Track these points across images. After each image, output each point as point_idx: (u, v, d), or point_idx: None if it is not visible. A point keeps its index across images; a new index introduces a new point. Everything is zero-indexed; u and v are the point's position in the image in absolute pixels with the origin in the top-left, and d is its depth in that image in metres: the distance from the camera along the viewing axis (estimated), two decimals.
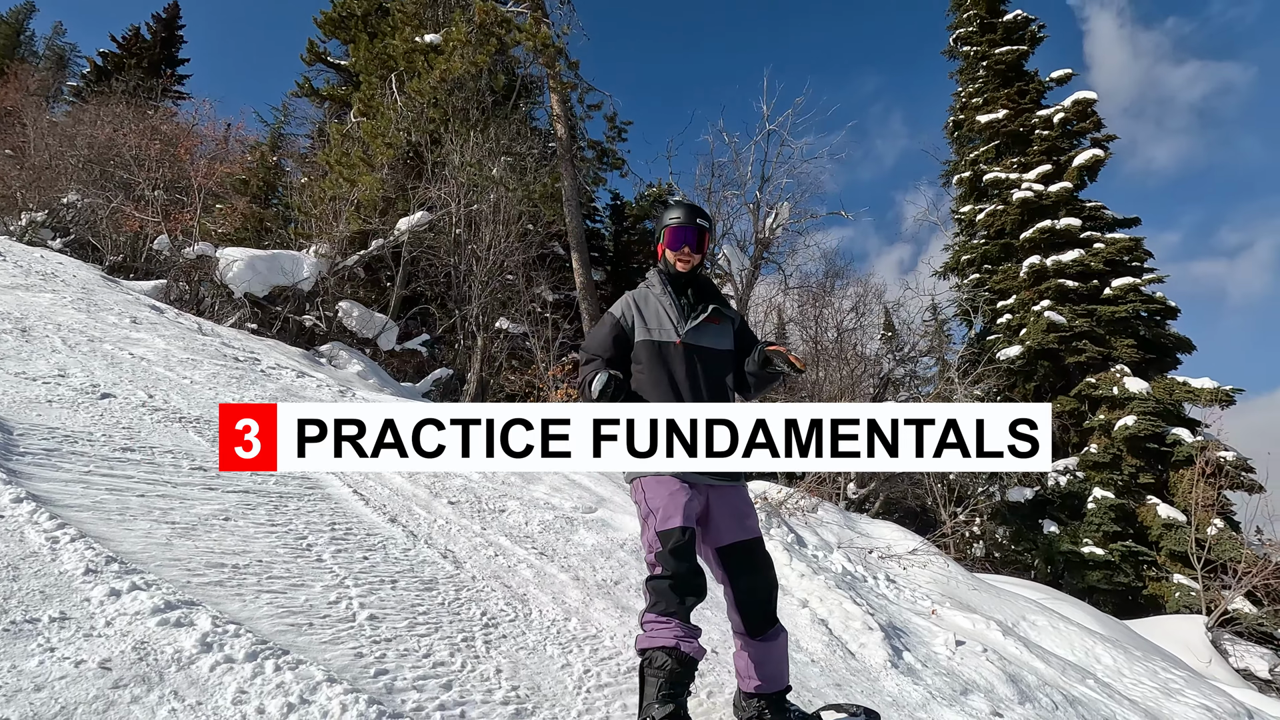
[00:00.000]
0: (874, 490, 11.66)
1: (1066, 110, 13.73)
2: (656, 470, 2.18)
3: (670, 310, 2.35)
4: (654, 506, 2.15)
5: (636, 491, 2.24)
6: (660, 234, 2.44)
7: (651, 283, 2.46)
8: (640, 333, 2.32)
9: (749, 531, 2.25)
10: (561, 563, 3.55)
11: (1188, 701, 5.01)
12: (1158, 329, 12.29)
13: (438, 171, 14.03)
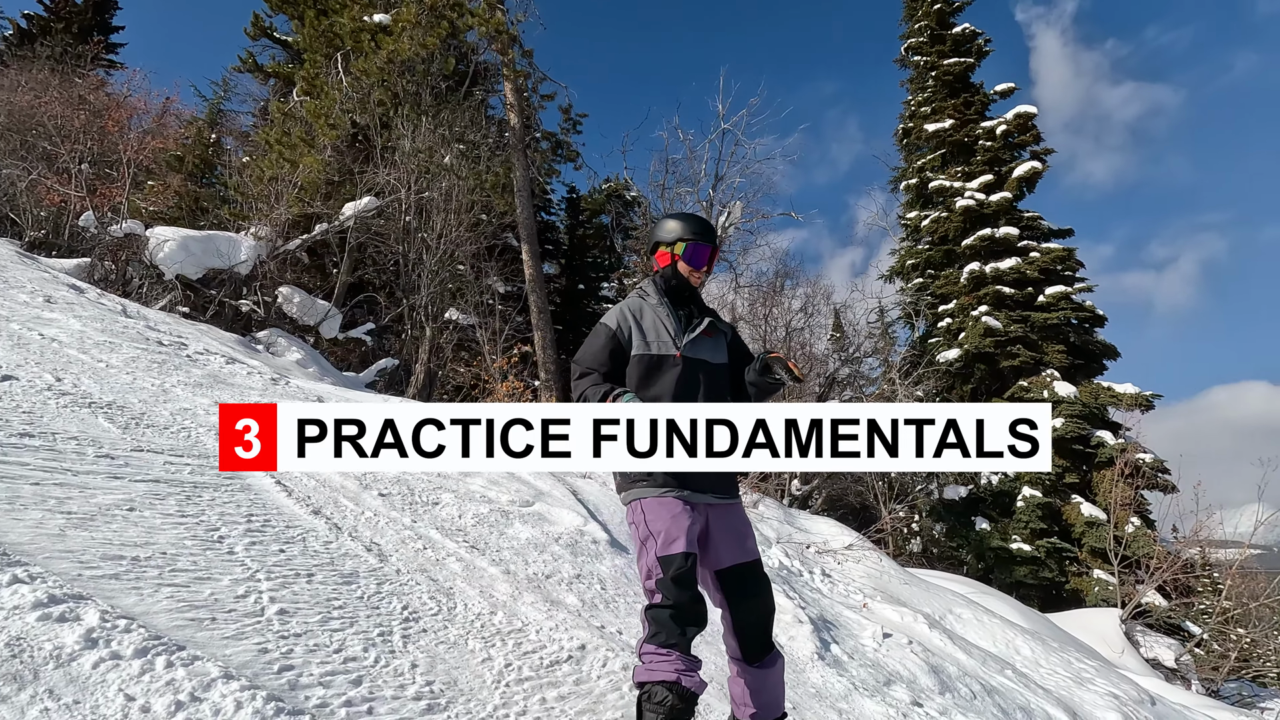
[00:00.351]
0: (817, 487, 11.90)
1: (1009, 123, 14.25)
2: (658, 491, 2.09)
3: (668, 322, 2.26)
4: (655, 530, 2.04)
5: (635, 513, 2.13)
6: (676, 245, 2.31)
7: (647, 293, 2.35)
8: (638, 345, 2.22)
9: (749, 553, 2.18)
10: (493, 556, 3.50)
11: (1097, 690, 5.27)
12: (1086, 336, 12.90)
13: (387, 156, 13.68)
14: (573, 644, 2.77)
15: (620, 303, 2.36)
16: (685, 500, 2.10)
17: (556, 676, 2.47)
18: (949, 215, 14.19)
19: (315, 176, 10.45)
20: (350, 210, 12.56)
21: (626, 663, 2.76)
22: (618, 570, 4.03)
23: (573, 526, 4.38)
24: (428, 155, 12.32)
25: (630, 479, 2.17)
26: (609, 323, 2.27)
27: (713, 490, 2.16)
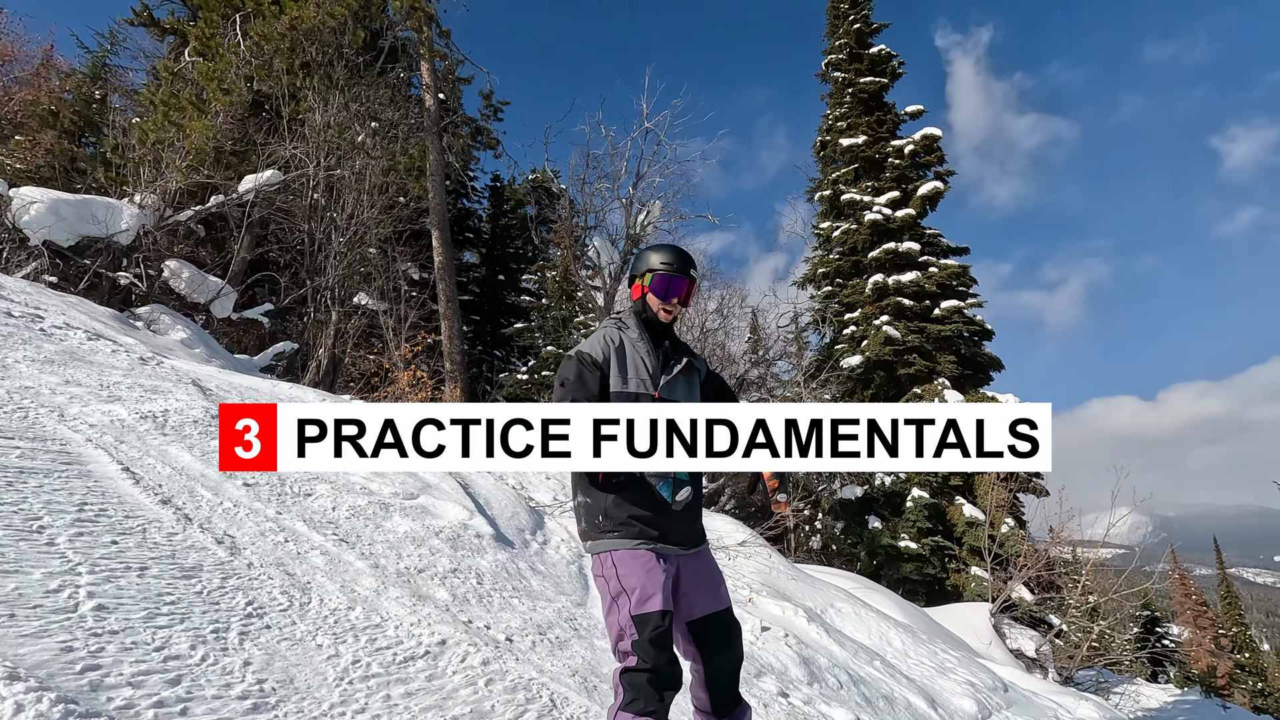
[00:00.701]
0: (722, 486, 12.18)
1: (916, 143, 15.03)
2: (631, 543, 1.97)
3: (648, 359, 2.13)
4: (629, 585, 1.91)
5: (604, 566, 1.99)
6: (645, 275, 2.18)
7: (627, 325, 2.18)
8: (615, 381, 2.08)
9: (721, 601, 2.10)
10: (363, 550, 3.39)
11: (956, 678, 5.64)
12: (975, 349, 13.81)
13: (295, 129, 12.99)
14: (433, 639, 2.72)
15: (598, 331, 2.21)
16: (658, 553, 1.99)
17: (408, 673, 2.41)
18: (858, 228, 14.82)
19: (204, 143, 9.79)
20: (250, 183, 11.84)
21: (488, 657, 2.74)
22: (499, 565, 3.99)
23: (457, 520, 4.30)
24: (338, 131, 11.77)
25: (599, 528, 2.02)
26: (592, 353, 2.10)
27: (683, 543, 2.07)
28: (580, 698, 2.73)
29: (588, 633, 3.61)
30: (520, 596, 3.69)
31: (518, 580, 3.93)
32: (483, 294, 22.00)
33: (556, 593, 4.02)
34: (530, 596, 3.76)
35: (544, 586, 4.03)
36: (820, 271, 16.01)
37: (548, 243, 16.27)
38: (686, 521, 2.09)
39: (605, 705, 2.75)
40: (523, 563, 4.25)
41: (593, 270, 14.34)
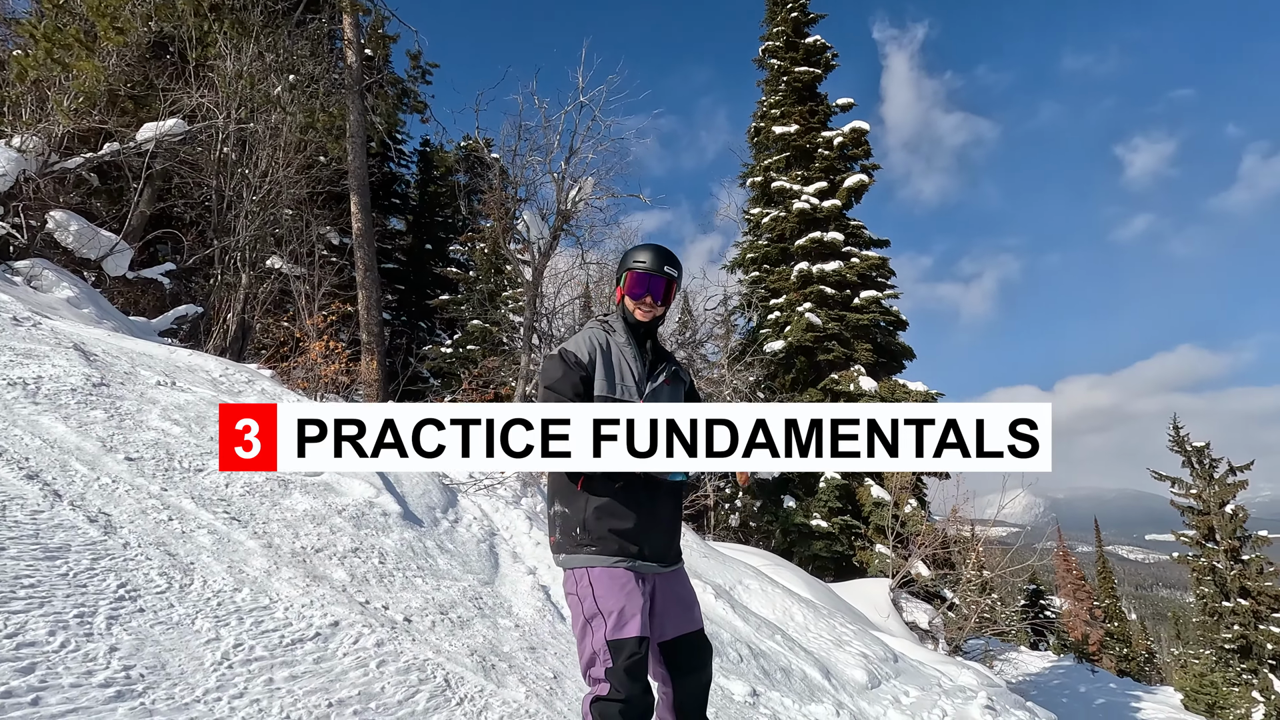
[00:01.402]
0: None
1: (845, 135, 15.44)
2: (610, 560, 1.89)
3: (634, 365, 2.05)
4: (605, 608, 1.83)
5: (579, 584, 1.91)
6: (621, 277, 2.11)
7: (614, 328, 2.11)
8: (600, 386, 1.99)
9: (695, 622, 2.04)
10: (256, 529, 3.27)
11: (851, 650, 5.98)
12: (889, 338, 14.46)
13: (202, 76, 12.10)
14: (324, 621, 2.67)
15: (584, 330, 2.12)
16: (636, 572, 1.91)
17: (294, 656, 2.36)
18: (787, 216, 15.15)
19: (95, 85, 8.99)
20: (150, 131, 10.98)
21: (382, 638, 2.71)
22: (404, 544, 3.93)
23: (362, 498, 4.20)
24: (250, 82, 11.04)
25: (576, 541, 1.93)
26: (578, 353, 2.01)
27: (662, 560, 2.00)
28: (477, 677, 2.75)
29: (492, 611, 3.62)
30: (425, 576, 3.66)
31: (424, 559, 3.89)
32: (408, 263, 21.26)
33: (464, 571, 4.00)
34: (435, 575, 3.73)
35: (451, 565, 4.00)
36: (749, 257, 16.30)
37: (478, 213, 15.87)
38: (667, 535, 2.02)
39: (502, 684, 2.78)
40: (431, 541, 4.20)
41: (522, 244, 14.10)
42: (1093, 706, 17.20)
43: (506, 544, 4.87)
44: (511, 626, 3.53)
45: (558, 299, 15.14)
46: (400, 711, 2.27)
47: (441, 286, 19.81)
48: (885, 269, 14.88)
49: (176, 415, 4.32)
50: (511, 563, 4.55)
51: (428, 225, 21.75)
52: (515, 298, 15.67)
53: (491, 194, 13.64)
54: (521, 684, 2.86)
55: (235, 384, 6.15)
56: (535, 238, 12.57)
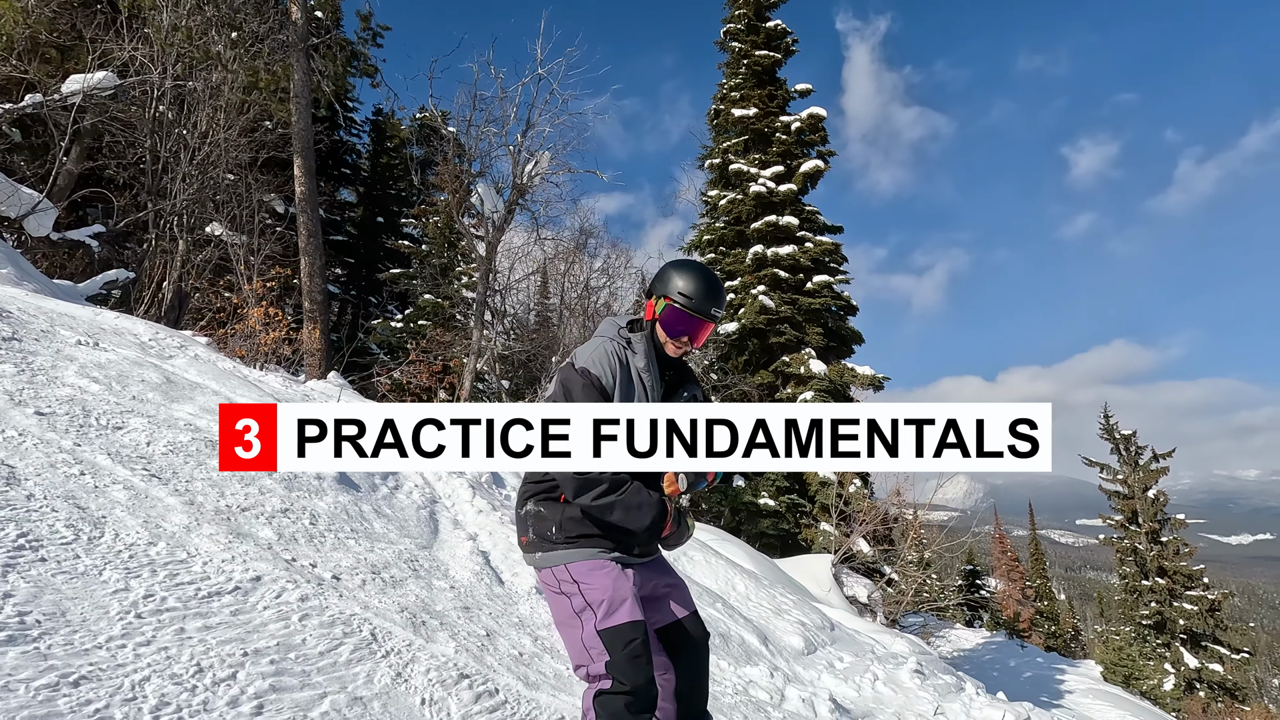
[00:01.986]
0: None
1: (803, 121, 15.58)
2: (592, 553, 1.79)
3: (654, 392, 1.92)
4: (593, 598, 1.73)
5: (561, 579, 1.79)
6: (659, 301, 1.90)
7: (635, 349, 1.93)
8: None
9: (688, 604, 1.96)
10: (178, 486, 3.15)
11: (790, 618, 6.13)
12: (840, 322, 14.75)
13: (135, 28, 11.47)
14: (246, 576, 2.59)
15: (601, 344, 1.91)
16: (621, 563, 1.82)
17: (210, 608, 2.29)
18: (744, 198, 15.24)
19: (12, 30, 8.44)
20: (77, 84, 10.35)
21: (307, 594, 2.65)
22: (339, 507, 3.85)
23: None
24: (188, 36, 10.51)
25: (550, 539, 1.83)
26: (595, 371, 1.84)
27: (644, 553, 1.92)
28: (406, 632, 2.72)
29: (428, 573, 3.58)
30: (358, 538, 3.59)
31: (358, 522, 3.81)
32: (359, 236, 20.68)
33: (400, 535, 3.95)
34: (370, 538, 3.67)
35: (387, 529, 3.94)
36: (706, 239, 16.36)
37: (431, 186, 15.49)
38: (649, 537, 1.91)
39: (432, 640, 2.76)
40: (367, 505, 4.12)
41: (476, 218, 13.86)
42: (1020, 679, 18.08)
43: (448, 511, 4.82)
44: (447, 588, 3.50)
45: (512, 274, 14.98)
46: (321, 662, 2.23)
47: (393, 260, 19.35)
48: (838, 255, 15.13)
49: (96, 373, 4.12)
50: (452, 529, 4.50)
51: (379, 198, 21.17)
52: (468, 273, 15.42)
53: (446, 166, 13.34)
54: (452, 640, 2.84)
55: (166, 348, 5.91)
56: (489, 212, 12.36)
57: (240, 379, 5.64)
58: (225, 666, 1.98)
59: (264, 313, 7.48)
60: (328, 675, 2.17)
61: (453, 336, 13.52)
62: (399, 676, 2.35)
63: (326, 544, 3.31)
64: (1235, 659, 20.89)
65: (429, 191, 16.54)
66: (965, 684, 6.21)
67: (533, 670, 2.94)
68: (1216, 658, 20.72)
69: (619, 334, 1.94)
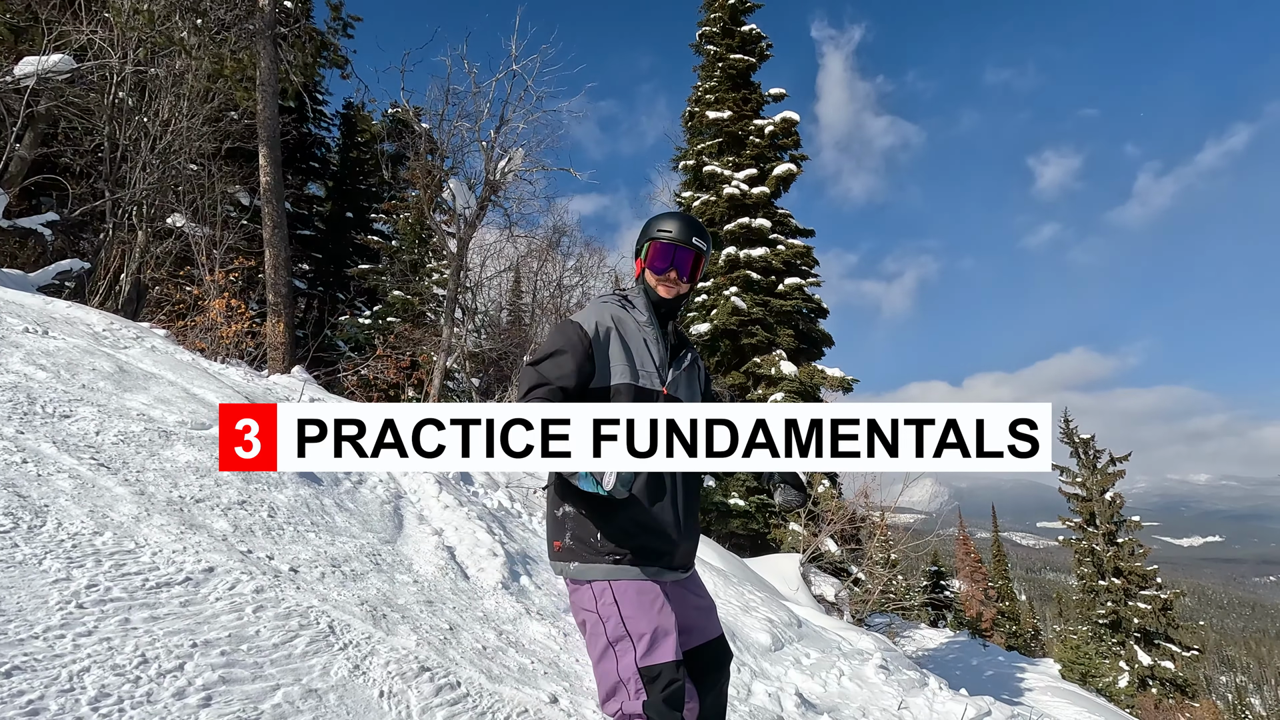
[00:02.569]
0: None
1: (775, 125, 15.72)
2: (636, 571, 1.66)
3: (654, 347, 1.80)
4: (635, 629, 1.60)
5: (599, 600, 1.65)
6: (643, 248, 1.87)
7: (634, 304, 1.86)
8: (619, 371, 1.73)
9: (715, 628, 1.87)
10: (128, 476, 3.04)
11: (758, 616, 6.15)
12: (810, 325, 14.91)
13: (93, 11, 11.12)
14: (198, 567, 2.51)
15: (595, 303, 1.85)
16: (662, 582, 1.70)
17: (159, 599, 2.20)
18: (717, 200, 15.32)
19: None
20: (31, 66, 10.00)
21: (263, 585, 2.57)
22: (299, 500, 3.75)
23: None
24: (150, 20, 10.21)
25: (594, 549, 1.67)
26: (584, 324, 1.74)
27: (685, 565, 1.82)
28: (365, 625, 2.65)
29: (390, 567, 3.51)
30: (319, 531, 3.50)
31: (319, 516, 3.72)
32: (328, 231, 20.30)
33: (363, 529, 3.86)
34: (331, 532, 3.58)
35: (349, 523, 3.85)
36: None
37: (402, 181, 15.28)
38: (692, 538, 1.83)
39: (392, 633, 2.69)
40: (329, 499, 4.02)
41: (448, 214, 13.71)
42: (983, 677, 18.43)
43: (413, 506, 4.73)
44: (410, 582, 3.43)
45: (483, 271, 14.84)
46: (275, 654, 2.16)
47: (362, 255, 19.04)
48: (809, 258, 15.29)
49: (43, 360, 3.96)
50: (417, 524, 4.42)
51: (349, 192, 20.83)
52: (439, 269, 15.23)
53: (417, 161, 13.16)
54: (414, 633, 2.78)
55: (121, 339, 5.72)
56: (461, 208, 12.23)
57: (199, 371, 5.48)
58: (172, 658, 1.91)
59: (225, 305, 7.28)
60: (281, 667, 2.10)
61: (422, 333, 13.34)
62: (357, 669, 2.29)
63: (285, 537, 3.22)
64: (1186, 656, 21.58)
65: (400, 187, 16.30)
66: (929, 680, 6.29)
67: (496, 664, 2.89)
68: (1168, 655, 21.38)
69: (616, 293, 1.90)
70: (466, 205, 12.02)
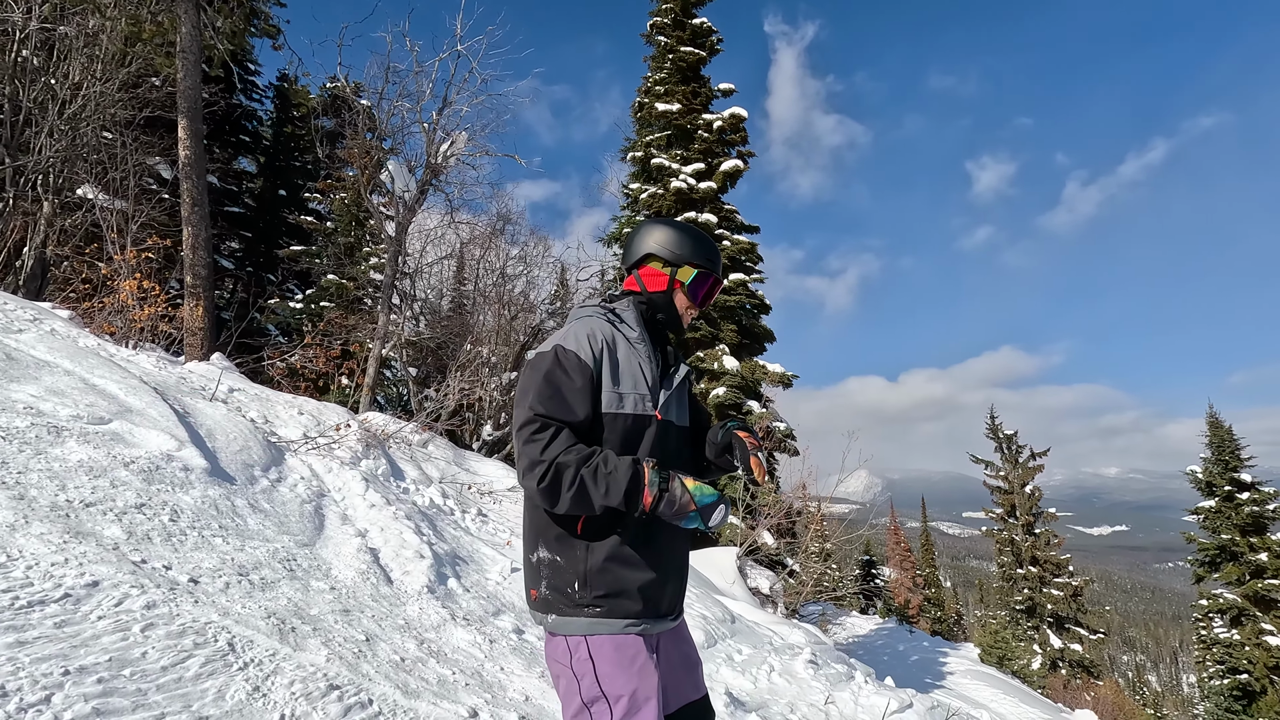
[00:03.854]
0: (509, 434, 12.08)
1: (724, 120, 15.76)
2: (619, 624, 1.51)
3: (646, 368, 1.63)
4: (612, 690, 1.46)
5: (576, 655, 1.51)
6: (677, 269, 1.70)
7: (625, 320, 1.68)
8: (609, 398, 1.55)
9: (700, 688, 1.73)
10: (6, 478, 2.77)
11: (692, 612, 6.17)
12: (753, 320, 15.08)
13: None
14: (80, 581, 2.30)
15: (581, 319, 1.67)
16: (647, 636, 1.56)
17: (29, 620, 2.01)
18: (665, 193, 15.27)
19: None
20: None
21: (154, 600, 2.38)
22: (208, 501, 3.52)
23: (160, 450, 3.71)
24: None
25: (574, 600, 1.52)
26: (579, 352, 1.55)
27: (673, 610, 1.66)
28: (270, 640, 2.49)
29: (306, 573, 3.33)
30: (227, 535, 3.29)
31: (229, 518, 3.50)
32: (259, 209, 19.31)
33: (279, 532, 3.66)
34: (241, 536, 3.37)
35: (264, 526, 3.64)
36: (626, 231, 16.31)
37: (339, 160, 14.64)
38: (681, 578, 1.68)
39: (300, 647, 2.55)
40: (242, 500, 3.80)
41: (387, 197, 13.22)
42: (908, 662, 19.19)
43: (336, 505, 4.53)
44: (326, 589, 3.27)
45: (423, 258, 14.38)
46: (162, 679, 2.00)
47: (295, 236, 18.21)
48: (754, 254, 15.42)
49: None
50: (339, 525, 4.23)
51: (282, 169, 19.86)
52: (377, 254, 14.70)
53: (355, 140, 12.63)
54: (324, 647, 2.64)
55: (15, 321, 5.29)
56: (401, 191, 11.80)
57: (102, 358, 5.10)
58: (38, 689, 1.73)
59: (138, 286, 6.80)
60: (169, 693, 1.94)
61: (357, 320, 12.86)
62: (256, 691, 2.15)
63: (187, 543, 3.01)
64: (1092, 639, 23.01)
65: (336, 166, 15.62)
66: (855, 672, 6.47)
67: (414, 677, 2.78)
68: (1077, 638, 22.75)
69: (601, 308, 1.71)
70: (406, 188, 11.62)
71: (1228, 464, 16.65)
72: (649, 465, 1.45)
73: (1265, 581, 15.62)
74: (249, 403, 6.01)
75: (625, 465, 1.43)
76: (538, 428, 1.46)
